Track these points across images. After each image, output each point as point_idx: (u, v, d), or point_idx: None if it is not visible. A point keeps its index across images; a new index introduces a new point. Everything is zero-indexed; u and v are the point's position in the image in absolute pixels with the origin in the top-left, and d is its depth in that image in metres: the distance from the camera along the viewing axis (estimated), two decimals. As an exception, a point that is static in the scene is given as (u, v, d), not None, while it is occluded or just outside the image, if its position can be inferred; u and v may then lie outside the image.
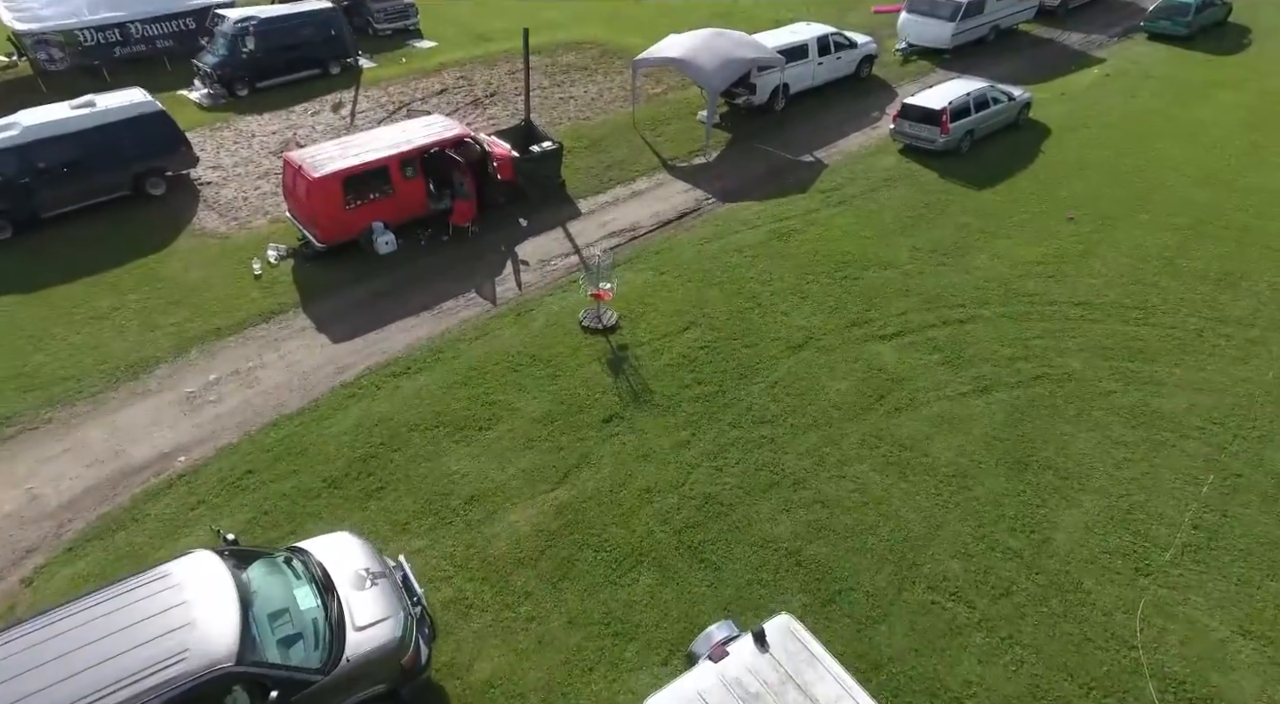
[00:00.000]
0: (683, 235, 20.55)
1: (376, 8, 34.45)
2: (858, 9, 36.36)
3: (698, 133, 25.62)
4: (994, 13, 30.80)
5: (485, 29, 35.20)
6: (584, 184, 23.04)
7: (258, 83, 29.25)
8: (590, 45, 32.87)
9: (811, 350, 16.43)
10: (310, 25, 29.91)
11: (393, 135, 20.52)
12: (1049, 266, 18.71)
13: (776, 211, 21.33)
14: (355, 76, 30.49)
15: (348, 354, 16.84)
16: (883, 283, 18.33)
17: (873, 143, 24.90)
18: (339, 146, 19.92)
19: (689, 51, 24.00)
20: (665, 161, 24.17)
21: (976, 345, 16.36)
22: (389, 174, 19.69)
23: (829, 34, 27.17)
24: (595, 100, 28.03)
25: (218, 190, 22.83)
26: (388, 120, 26.71)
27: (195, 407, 15.49)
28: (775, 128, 25.99)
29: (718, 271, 18.94)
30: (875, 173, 23.05)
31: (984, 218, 20.68)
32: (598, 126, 26.18)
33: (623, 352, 16.53)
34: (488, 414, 15.13)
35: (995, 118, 24.16)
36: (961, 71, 29.50)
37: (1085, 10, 34.94)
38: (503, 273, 19.41)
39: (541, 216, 21.58)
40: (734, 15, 35.66)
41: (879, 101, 27.58)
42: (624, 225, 21.12)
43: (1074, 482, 13.28)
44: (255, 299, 18.42)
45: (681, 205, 21.97)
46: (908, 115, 23.50)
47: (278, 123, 26.72)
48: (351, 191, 19.23)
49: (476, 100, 28.17)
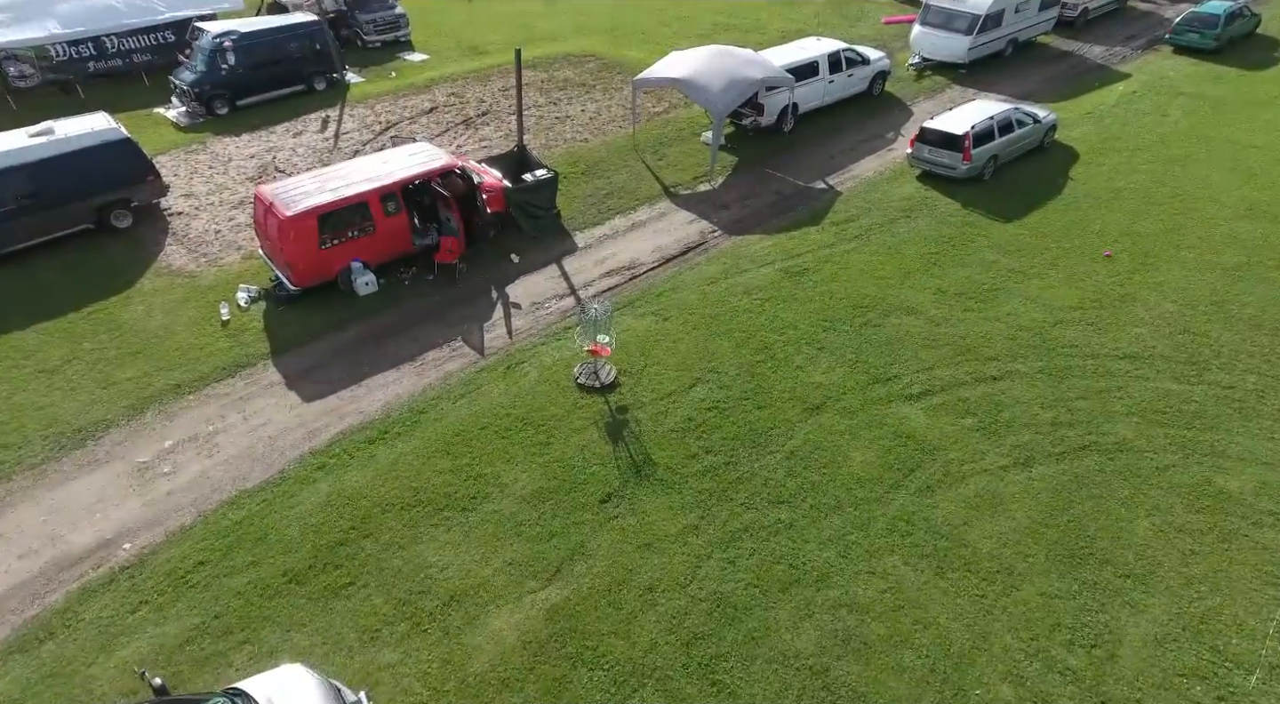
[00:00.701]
0: (687, 274, 18.82)
1: (366, 19, 32.68)
2: (867, 20, 34.60)
3: (702, 156, 23.89)
4: (1012, 25, 29.04)
5: (479, 41, 33.43)
6: (581, 214, 21.31)
7: (238, 100, 27.47)
8: (588, 58, 31.11)
9: (831, 413, 14.71)
10: (293, 39, 28.13)
11: (373, 166, 18.78)
12: (1087, 312, 16.99)
13: (788, 246, 19.60)
14: (341, 93, 28.72)
15: (319, 415, 15.13)
16: (906, 332, 16.60)
17: (888, 168, 23.15)
18: (315, 179, 18.18)
19: (692, 71, 22.25)
20: (667, 188, 22.43)
21: (1014, 407, 14.63)
22: (369, 210, 17.97)
23: (840, 50, 25.41)
24: (593, 120, 26.28)
25: (188, 222, 21.08)
26: (374, 141, 24.96)
27: (147, 480, 13.77)
28: (784, 150, 24.25)
29: (726, 317, 17.22)
30: (893, 202, 21.31)
31: (1013, 254, 18.95)
32: (596, 149, 24.44)
33: (622, 414, 14.81)
34: (472, 490, 13.41)
35: (1020, 142, 22.43)
36: (979, 88, 27.78)
37: (1104, 21, 33.16)
38: (492, 317, 17.69)
39: (535, 252, 19.85)
40: (739, 27, 33.91)
41: (894, 121, 25.82)
42: (623, 262, 19.39)
43: (1136, 581, 11.57)
44: (222, 350, 16.69)
45: (685, 238, 20.24)
46: (926, 140, 21.76)
47: (257, 145, 24.97)
48: (328, 230, 17.51)
49: (468, 120, 26.42)
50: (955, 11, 28.20)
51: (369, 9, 32.87)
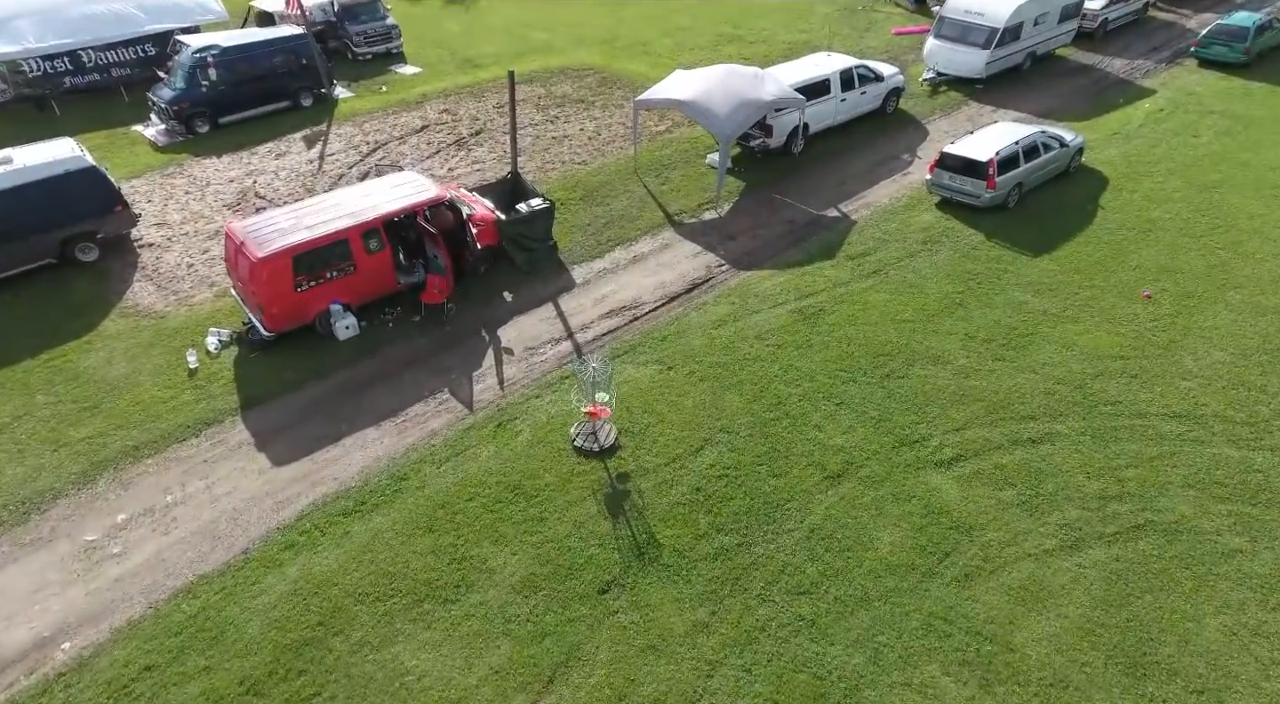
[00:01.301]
0: (693, 315, 17.28)
1: (356, 30, 31.10)
2: (876, 30, 33.03)
3: (707, 179, 22.34)
4: (1031, 38, 27.47)
5: (474, 53, 31.86)
6: (579, 246, 19.77)
7: (220, 118, 25.94)
8: (587, 72, 29.54)
9: (854, 481, 13.19)
10: (279, 54, 26.57)
11: (354, 199, 17.23)
12: (1130, 362, 15.45)
13: (801, 284, 18.06)
14: (329, 110, 27.16)
15: (290, 482, 13.61)
16: (933, 384, 15.07)
17: (905, 194, 21.60)
18: (290, 215, 16.64)
19: (697, 93, 20.69)
20: (671, 216, 20.88)
21: (1057, 477, 13.10)
22: (349, 248, 16.44)
23: (853, 66, 23.85)
24: (592, 139, 24.71)
25: (160, 255, 19.54)
26: (360, 164, 23.42)
27: (94, 563, 12.25)
28: (794, 174, 22.70)
29: (735, 366, 15.69)
30: (911, 233, 19.76)
31: (1044, 294, 17.40)
32: (595, 172, 22.89)
33: (623, 483, 13.29)
34: (456, 577, 11.89)
35: (1047, 167, 20.88)
36: (997, 105, 26.22)
37: (1124, 32, 31.58)
38: (482, 365, 16.16)
39: (529, 288, 18.32)
40: (744, 38, 32.34)
41: (909, 141, 24.26)
42: (624, 300, 17.86)
43: (1210, 698, 10.04)
44: (187, 403, 15.16)
45: (690, 274, 18.70)
46: (947, 165, 20.21)
47: (237, 168, 23.41)
48: (304, 271, 15.98)
49: (460, 140, 24.86)
50: (972, 24, 26.64)
51: (359, 20, 31.32)
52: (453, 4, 37.86)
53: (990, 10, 26.48)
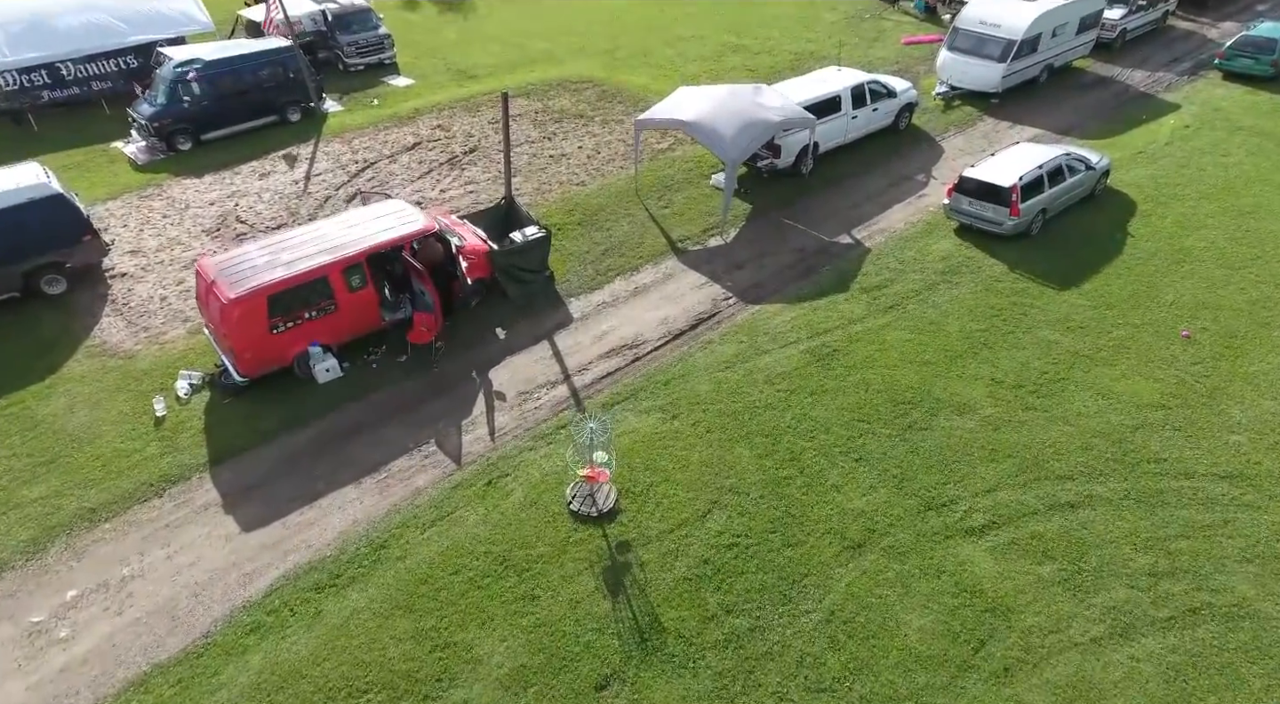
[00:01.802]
0: (698, 355, 16.00)
1: (347, 40, 29.79)
2: (885, 39, 31.70)
3: (712, 201, 21.06)
4: (1048, 50, 26.15)
5: (469, 64, 30.54)
6: (577, 276, 18.48)
7: (203, 134, 24.66)
8: (587, 85, 28.22)
9: (877, 552, 11.92)
10: (264, 67, 25.27)
11: (336, 231, 15.95)
12: (1172, 413, 14.16)
13: (813, 320, 16.77)
14: (317, 125, 25.86)
15: (260, 550, 12.35)
16: (959, 438, 13.79)
17: (921, 218, 20.30)
18: (265, 250, 15.36)
19: (701, 113, 19.39)
20: (674, 243, 19.60)
21: (1101, 549, 11.83)
22: (329, 286, 15.17)
23: (864, 82, 22.54)
24: (591, 158, 23.42)
25: (131, 286, 18.26)
26: (348, 184, 22.13)
27: (38, 650, 11.00)
28: (803, 196, 21.41)
29: (744, 415, 14.42)
30: (929, 263, 18.46)
31: (1073, 333, 16.11)
32: (594, 194, 21.59)
33: (624, 553, 12.02)
34: (438, 668, 10.62)
35: (1072, 191, 19.58)
36: (1013, 120, 24.92)
37: (1143, 43, 30.24)
38: (471, 412, 14.89)
39: (524, 324, 17.05)
40: (748, 48, 31.02)
41: (923, 161, 22.95)
42: (625, 338, 16.58)
43: (1292, 828, 8.78)
44: (151, 457, 13.90)
45: (695, 307, 17.41)
46: (967, 190, 18.91)
47: (219, 189, 22.12)
48: (280, 311, 14.72)
49: (453, 158, 23.56)
50: (987, 36, 25.31)
51: (350, 30, 30.01)
52: (449, 11, 36.54)
53: (1007, 21, 25.16)
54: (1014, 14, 25.27)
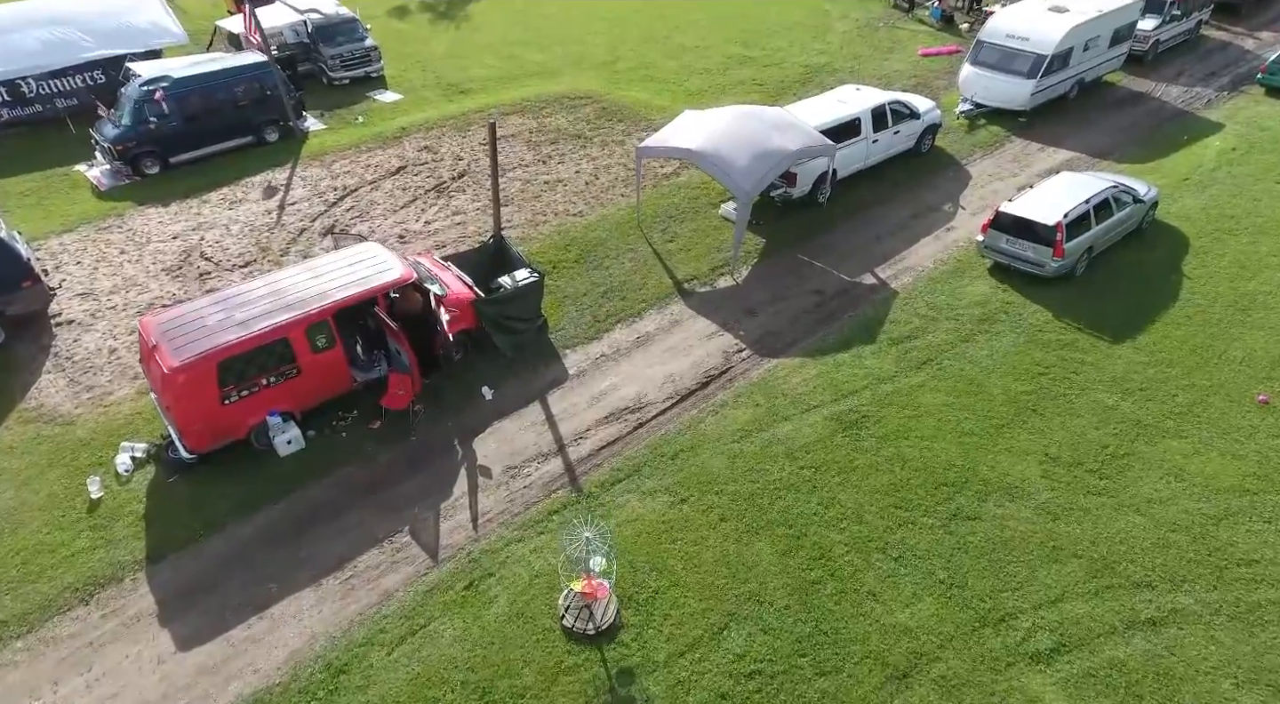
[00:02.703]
0: (709, 421, 14.00)
1: (331, 53, 27.69)
2: (901, 50, 29.62)
3: (721, 234, 19.05)
4: (1080, 64, 24.10)
5: (461, 77, 28.47)
6: (573, 323, 16.48)
7: (171, 157, 22.62)
8: (585, 101, 26.15)
9: (926, 684, 9.92)
10: (238, 84, 23.22)
11: (301, 282, 13.94)
12: (1258, 499, 12.16)
13: (837, 378, 14.77)
14: (295, 147, 23.82)
15: (197, 675, 10.37)
16: (1014, 530, 11.80)
17: (950, 255, 18.28)
18: (218, 305, 13.35)
19: (710, 141, 17.35)
20: (680, 284, 17.58)
21: (1195, 683, 9.83)
22: (291, 348, 13.16)
23: (886, 103, 20.49)
24: (590, 184, 21.38)
25: (79, 336, 16.26)
26: (325, 216, 20.11)
27: (-81, 818, 8.98)
28: (821, 229, 19.39)
29: (764, 498, 12.42)
30: (964, 308, 16.45)
31: (1135, 397, 14.10)
32: (593, 226, 19.57)
33: (626, 684, 10.04)
34: None
35: (1120, 227, 17.56)
36: (1044, 141, 22.90)
37: (1176, 55, 28.15)
38: (452, 493, 12.90)
39: (514, 382, 15.07)
40: (756, 60, 28.95)
41: (949, 188, 20.92)
42: (627, 399, 14.59)
43: None
44: (80, 553, 11.91)
45: (705, 362, 15.41)
46: (1004, 226, 16.89)
47: (184, 220, 20.10)
48: (233, 379, 12.73)
49: (440, 185, 21.53)
50: (1016, 50, 23.26)
51: (335, 42, 27.91)
52: (441, 20, 34.47)
53: (1037, 35, 23.11)
54: (1044, 27, 23.22)
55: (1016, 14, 24.22)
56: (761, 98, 25.90)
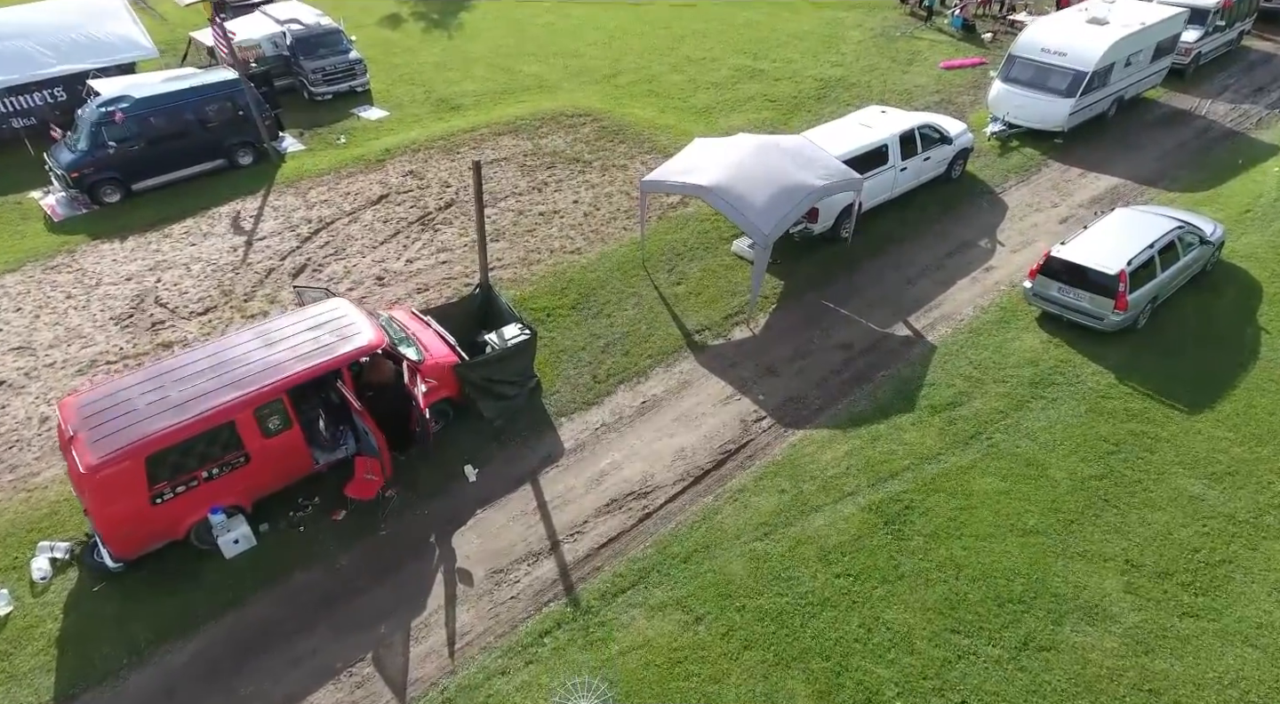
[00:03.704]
0: (726, 511, 11.87)
1: (313, 67, 25.48)
2: (921, 62, 27.39)
3: (734, 275, 16.91)
4: (1121, 80, 21.89)
5: (452, 92, 26.26)
6: (570, 384, 14.34)
7: (133, 184, 20.49)
8: (584, 118, 23.95)
9: None
10: (208, 103, 21.09)
11: (252, 352, 11.80)
12: (1388, 624, 10.00)
13: (872, 457, 12.63)
14: (270, 171, 21.64)
15: None
16: (1098, 665, 9.66)
17: (992, 300, 16.12)
18: (151, 384, 11.23)
19: (724, 175, 15.18)
20: (690, 335, 15.43)
21: None
22: (237, 432, 11.01)
23: (915, 127, 18.30)
24: (589, 216, 19.20)
25: (6, 401, 14.14)
26: (295, 255, 17.96)
27: None
28: (845, 268, 17.23)
29: (794, 618, 10.29)
30: (1013, 368, 14.29)
31: (1222, 484, 11.95)
32: (592, 266, 17.40)
33: None
34: None
35: (1185, 272, 15.40)
36: (1084, 165, 20.72)
37: (1218, 67, 25.92)
38: (426, 606, 10.79)
39: (501, 458, 12.96)
40: (766, 73, 26.73)
41: (983, 220, 18.74)
42: (631, 481, 12.46)
43: None
44: (-23, 691, 9.76)
45: (719, 433, 13.27)
46: (1056, 273, 14.74)
47: (141, 257, 17.96)
48: (166, 474, 10.62)
49: (425, 216, 19.36)
50: (1053, 67, 21.05)
51: (316, 55, 25.70)
52: (433, 29, 32.23)
53: (1076, 49, 20.90)
54: (1083, 41, 21.01)
55: (1052, 27, 22.01)
56: (774, 115, 23.74)
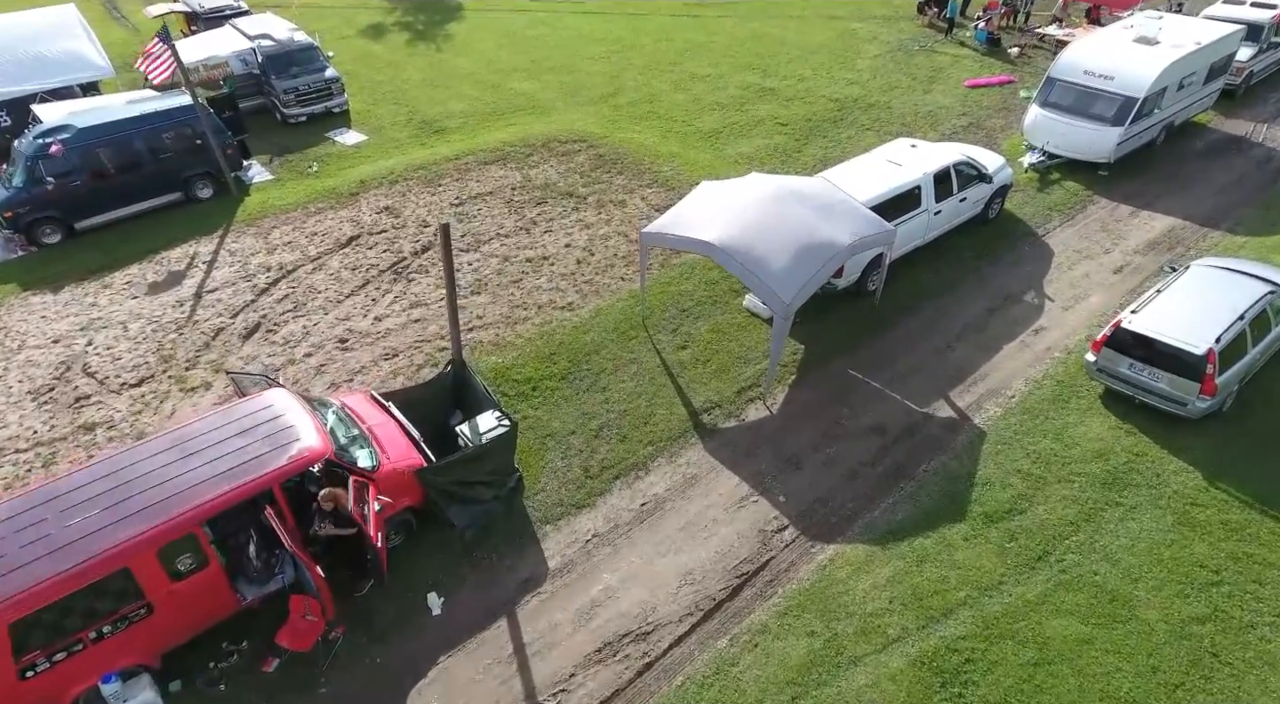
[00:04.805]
0: (745, 663, 9.53)
1: (285, 87, 23.07)
2: (943, 79, 24.96)
3: (746, 336, 14.55)
4: (1172, 105, 19.47)
5: (436, 113, 23.85)
6: (558, 479, 11.99)
7: (77, 222, 18.15)
8: (579, 145, 21.53)
9: None
10: (161, 132, 18.78)
11: (161, 469, 9.43)
12: None
13: (921, 585, 10.28)
14: (233, 205, 19.26)
15: None
16: None
17: (1045, 371, 13.75)
18: (31, 514, 8.89)
19: (736, 230, 12.78)
20: (697, 414, 13.08)
21: None
22: (134, 580, 8.65)
23: (950, 165, 15.91)
24: (582, 263, 16.82)
25: (-107, 503, 11.69)
26: (249, 311, 15.57)
27: None
28: (874, 328, 14.86)
29: (836, 829, 7.91)
30: (1078, 462, 11.92)
31: (1352, 628, 9.57)
32: (585, 325, 15.03)
33: None
34: None
35: (1277, 345, 12.99)
36: (1135, 201, 18.33)
37: (1269, 87, 23.48)
38: (370, 802, 8.39)
39: (473, 581, 10.62)
40: (777, 92, 24.30)
41: (1028, 269, 16.36)
42: (628, 616, 10.12)
43: None
44: None
45: (735, 549, 10.92)
46: (1127, 347, 12.36)
47: (74, 314, 15.61)
48: (38, 640, 8.26)
49: (399, 263, 16.98)
50: (1098, 92, 18.65)
51: (289, 73, 23.31)
52: (419, 41, 29.77)
53: (1124, 72, 18.48)
54: (1132, 63, 18.59)
55: (1096, 46, 19.58)
56: (786, 141, 21.34)
